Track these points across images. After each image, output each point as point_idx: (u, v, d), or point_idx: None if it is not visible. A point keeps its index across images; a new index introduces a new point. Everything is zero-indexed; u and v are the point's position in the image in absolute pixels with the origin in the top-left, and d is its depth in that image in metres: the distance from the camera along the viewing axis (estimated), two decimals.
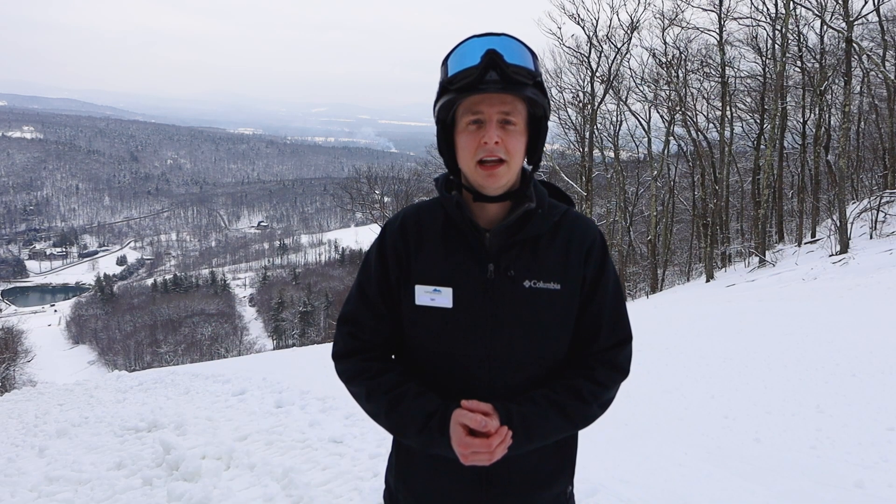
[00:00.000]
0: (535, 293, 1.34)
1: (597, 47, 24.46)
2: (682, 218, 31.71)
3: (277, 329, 64.46)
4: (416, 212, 1.44)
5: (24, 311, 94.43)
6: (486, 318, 1.34)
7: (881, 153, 21.28)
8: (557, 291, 1.35)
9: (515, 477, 1.38)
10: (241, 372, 8.85)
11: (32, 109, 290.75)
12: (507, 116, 1.29)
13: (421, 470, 1.43)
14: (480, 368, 1.35)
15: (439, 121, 1.35)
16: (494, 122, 1.28)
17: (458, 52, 1.30)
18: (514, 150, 1.30)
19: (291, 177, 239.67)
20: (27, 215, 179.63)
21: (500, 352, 1.34)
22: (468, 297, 1.34)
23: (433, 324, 1.36)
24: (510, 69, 1.25)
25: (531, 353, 1.36)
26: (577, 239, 1.38)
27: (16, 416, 7.96)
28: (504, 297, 1.34)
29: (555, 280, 1.35)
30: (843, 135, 16.54)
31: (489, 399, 1.31)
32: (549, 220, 1.37)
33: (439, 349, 1.37)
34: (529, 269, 1.35)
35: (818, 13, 18.70)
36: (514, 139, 1.30)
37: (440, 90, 1.32)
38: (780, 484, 3.31)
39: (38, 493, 4.22)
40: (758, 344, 6.71)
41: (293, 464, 4.22)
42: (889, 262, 12.03)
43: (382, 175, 33.24)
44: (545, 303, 1.34)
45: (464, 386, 1.35)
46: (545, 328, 1.36)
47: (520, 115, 1.31)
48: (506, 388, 1.35)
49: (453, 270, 1.36)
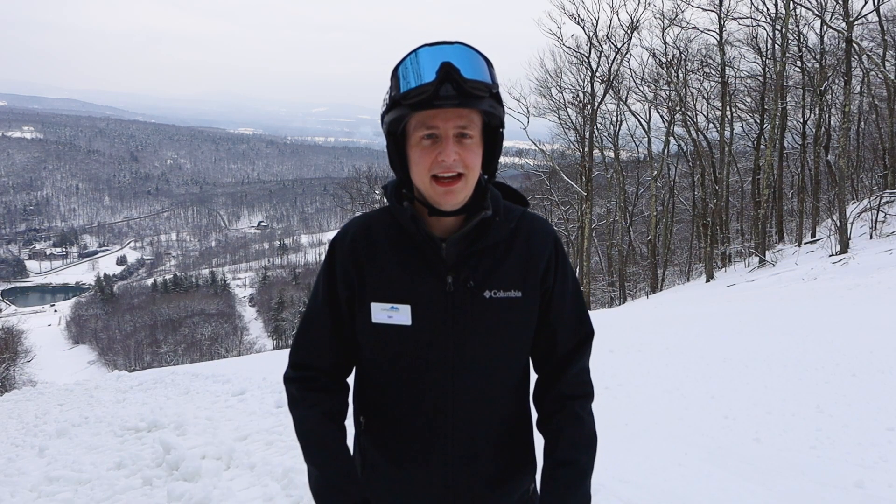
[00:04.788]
0: (495, 303, 1.31)
1: (597, 47, 24.49)
2: (682, 218, 31.72)
3: (277, 329, 64.42)
4: (365, 224, 1.38)
5: (24, 311, 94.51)
6: (447, 332, 1.31)
7: (881, 153, 21.27)
8: (519, 299, 1.33)
9: (481, 488, 1.39)
10: (241, 372, 8.85)
11: (32, 109, 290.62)
12: (464, 130, 1.23)
13: (386, 485, 1.40)
14: (446, 379, 1.33)
15: (389, 134, 1.28)
16: (451, 138, 1.22)
17: (409, 65, 1.22)
18: (471, 164, 1.25)
19: (291, 177, 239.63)
20: (27, 215, 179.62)
21: (467, 363, 1.32)
22: (428, 313, 1.30)
23: (392, 341, 1.32)
24: (467, 84, 1.18)
25: (498, 360, 1.35)
26: (536, 244, 1.36)
27: (16, 416, 7.96)
28: (465, 309, 1.30)
29: (515, 288, 1.32)
30: (843, 135, 16.55)
31: (460, 408, 1.34)
32: (506, 227, 1.34)
33: (401, 364, 1.33)
34: (488, 278, 1.31)
35: (818, 13, 18.71)
36: (471, 153, 1.24)
37: (391, 103, 1.25)
38: (780, 484, 3.31)
39: (38, 493, 4.23)
40: (758, 344, 6.71)
41: (293, 464, 4.21)
42: (889, 262, 12.03)
43: (382, 175, 33.22)
44: (507, 312, 1.32)
45: (433, 397, 1.33)
46: (509, 336, 1.34)
47: (476, 128, 1.25)
48: (476, 395, 1.35)
49: (410, 285, 1.31)
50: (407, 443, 1.36)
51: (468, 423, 1.36)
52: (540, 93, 27.00)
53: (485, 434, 1.38)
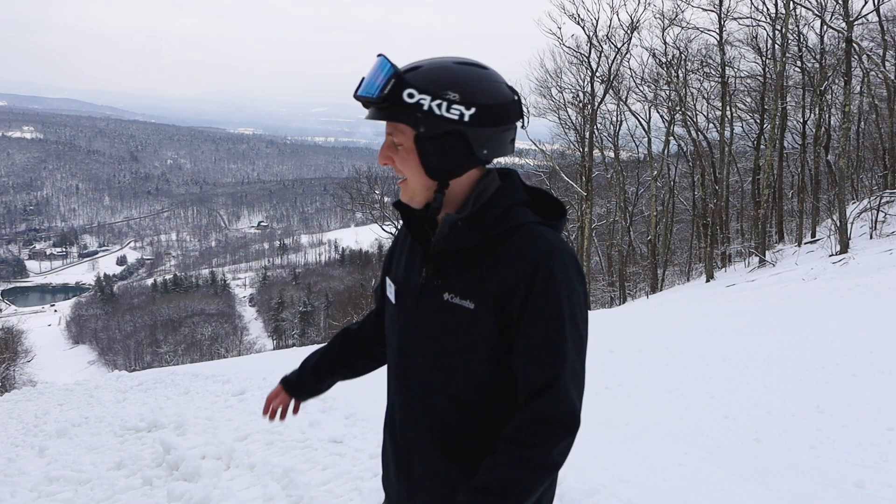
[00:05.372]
0: (449, 307, 1.32)
1: (597, 47, 24.49)
2: (682, 218, 31.71)
3: (277, 329, 64.43)
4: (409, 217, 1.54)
5: (24, 311, 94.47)
6: (413, 320, 1.40)
7: (881, 153, 21.27)
8: (470, 311, 1.29)
9: (416, 479, 1.43)
10: (241, 372, 8.84)
11: (32, 109, 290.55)
12: (392, 138, 1.32)
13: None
14: (402, 365, 1.43)
15: None
16: (386, 143, 1.33)
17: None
18: (404, 169, 1.32)
19: (291, 177, 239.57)
20: (27, 215, 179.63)
21: (417, 354, 1.39)
22: (405, 298, 1.42)
23: (387, 314, 1.51)
24: (362, 101, 1.28)
25: (444, 364, 1.35)
26: (509, 262, 1.27)
27: (16, 416, 7.95)
28: (427, 304, 1.36)
29: (470, 298, 1.29)
30: (843, 135, 16.55)
31: (405, 398, 1.42)
32: (476, 234, 1.29)
33: (387, 338, 1.52)
34: (450, 281, 1.33)
35: (818, 13, 18.71)
36: (401, 158, 1.31)
37: None
38: (780, 484, 3.31)
39: (38, 493, 4.22)
40: (758, 344, 6.71)
41: (293, 464, 4.22)
42: (889, 262, 12.04)
43: (382, 175, 33.15)
44: (457, 319, 1.31)
45: (395, 375, 1.46)
46: (457, 345, 1.33)
47: (402, 136, 1.29)
48: (421, 388, 1.39)
49: (403, 270, 1.45)
50: (387, 409, 1.52)
51: (410, 411, 1.42)
52: (540, 93, 27.00)
53: (421, 431, 1.40)
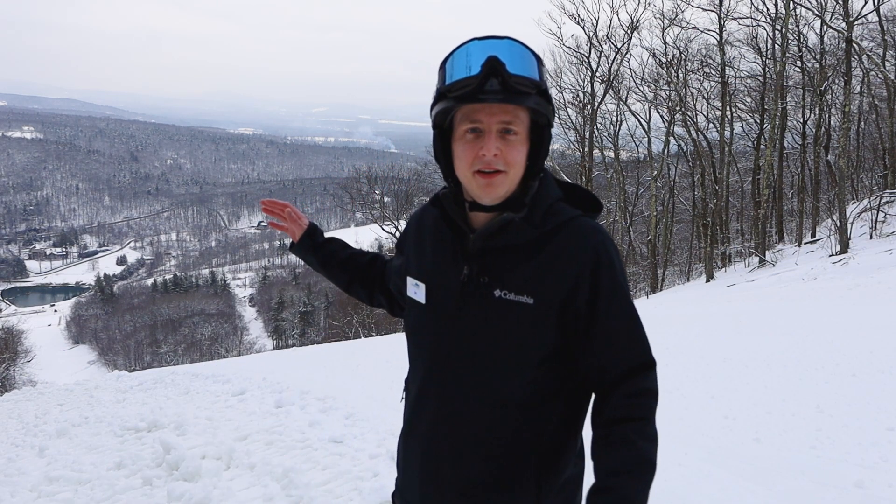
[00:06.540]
0: (504, 304, 1.27)
1: (597, 47, 24.52)
2: (682, 218, 31.70)
3: (277, 329, 64.39)
4: (422, 211, 1.51)
5: (24, 311, 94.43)
6: (452, 319, 1.32)
7: (881, 153, 21.27)
8: (529, 306, 1.26)
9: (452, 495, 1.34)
10: (241, 372, 8.84)
11: (32, 109, 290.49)
12: (508, 126, 1.22)
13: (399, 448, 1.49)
14: (437, 366, 1.34)
15: (436, 126, 1.30)
16: (494, 133, 1.22)
17: (456, 57, 1.23)
18: (513, 161, 1.24)
19: (291, 177, 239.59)
20: (27, 215, 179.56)
21: (461, 355, 1.31)
22: (439, 296, 1.35)
23: (413, 315, 1.44)
24: (512, 79, 1.18)
25: (493, 363, 1.29)
26: (567, 255, 1.27)
27: (16, 416, 7.95)
28: (472, 302, 1.29)
29: (528, 294, 1.26)
30: (843, 135, 16.55)
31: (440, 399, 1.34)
32: (533, 230, 1.28)
33: (415, 339, 1.44)
34: (503, 278, 1.28)
35: (818, 13, 18.70)
36: (514, 149, 1.24)
37: (437, 96, 1.26)
38: (780, 484, 3.31)
39: (38, 493, 4.23)
40: (758, 344, 6.71)
41: (293, 464, 4.22)
42: (889, 262, 12.03)
43: (382, 175, 33.18)
44: (514, 316, 1.27)
45: (423, 377, 1.38)
46: (512, 341, 1.28)
47: (521, 124, 1.24)
48: (461, 391, 1.31)
49: (433, 267, 1.38)
50: (408, 413, 1.45)
51: (445, 414, 1.33)
52: None
53: (456, 434, 1.32)
